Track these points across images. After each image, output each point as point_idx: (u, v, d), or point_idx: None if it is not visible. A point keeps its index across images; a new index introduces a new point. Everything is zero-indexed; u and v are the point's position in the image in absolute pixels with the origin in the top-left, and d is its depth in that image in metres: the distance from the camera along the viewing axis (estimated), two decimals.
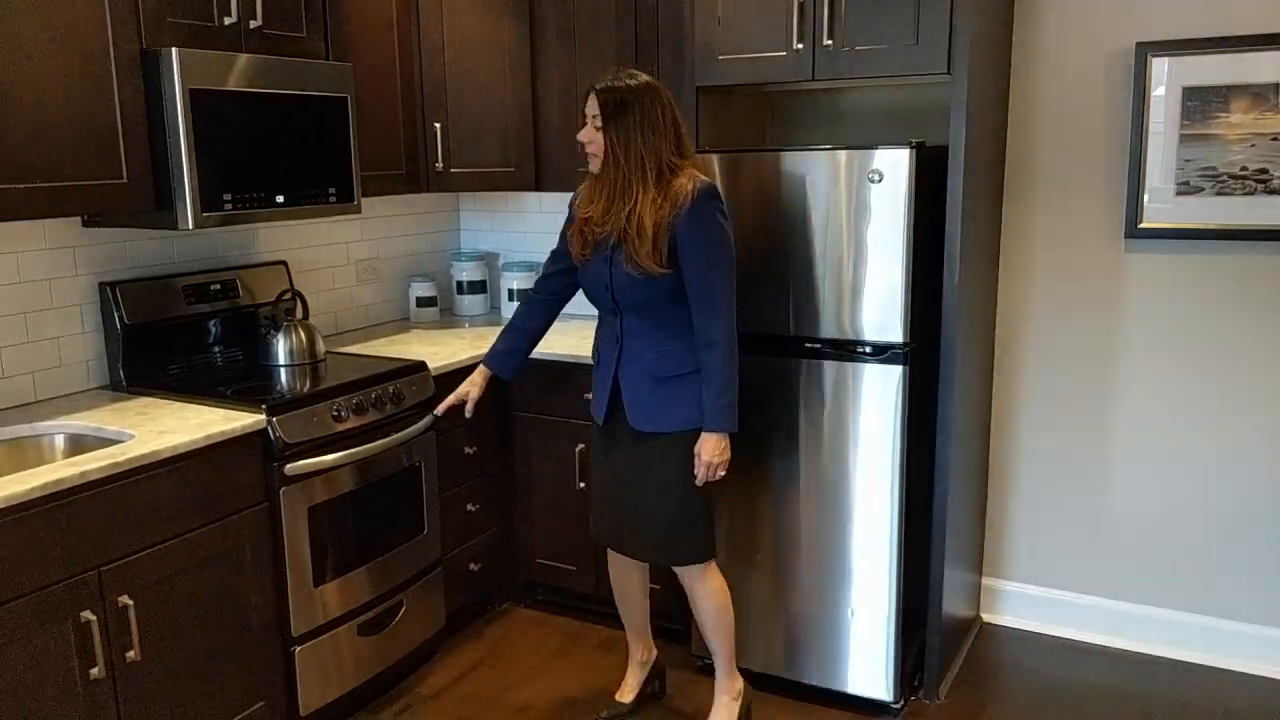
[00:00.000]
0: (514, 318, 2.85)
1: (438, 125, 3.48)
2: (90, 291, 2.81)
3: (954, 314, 2.75)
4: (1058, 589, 3.38)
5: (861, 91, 3.31)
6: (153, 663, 2.33)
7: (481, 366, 2.84)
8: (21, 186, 2.27)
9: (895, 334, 2.68)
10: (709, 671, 3.08)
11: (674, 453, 2.56)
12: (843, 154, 2.67)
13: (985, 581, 3.48)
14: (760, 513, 2.95)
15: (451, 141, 3.51)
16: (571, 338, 3.48)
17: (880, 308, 2.69)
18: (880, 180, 2.61)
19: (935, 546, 2.90)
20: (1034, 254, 3.23)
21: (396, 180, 3.41)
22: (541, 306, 2.81)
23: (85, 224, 2.77)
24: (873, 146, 2.63)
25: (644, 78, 2.47)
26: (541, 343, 3.34)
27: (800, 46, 2.79)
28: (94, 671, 2.19)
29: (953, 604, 3.07)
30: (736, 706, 2.81)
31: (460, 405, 2.84)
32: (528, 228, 4.06)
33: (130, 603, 2.25)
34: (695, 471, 2.54)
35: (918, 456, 2.83)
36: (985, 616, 3.50)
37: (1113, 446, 3.22)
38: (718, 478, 2.56)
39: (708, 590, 2.70)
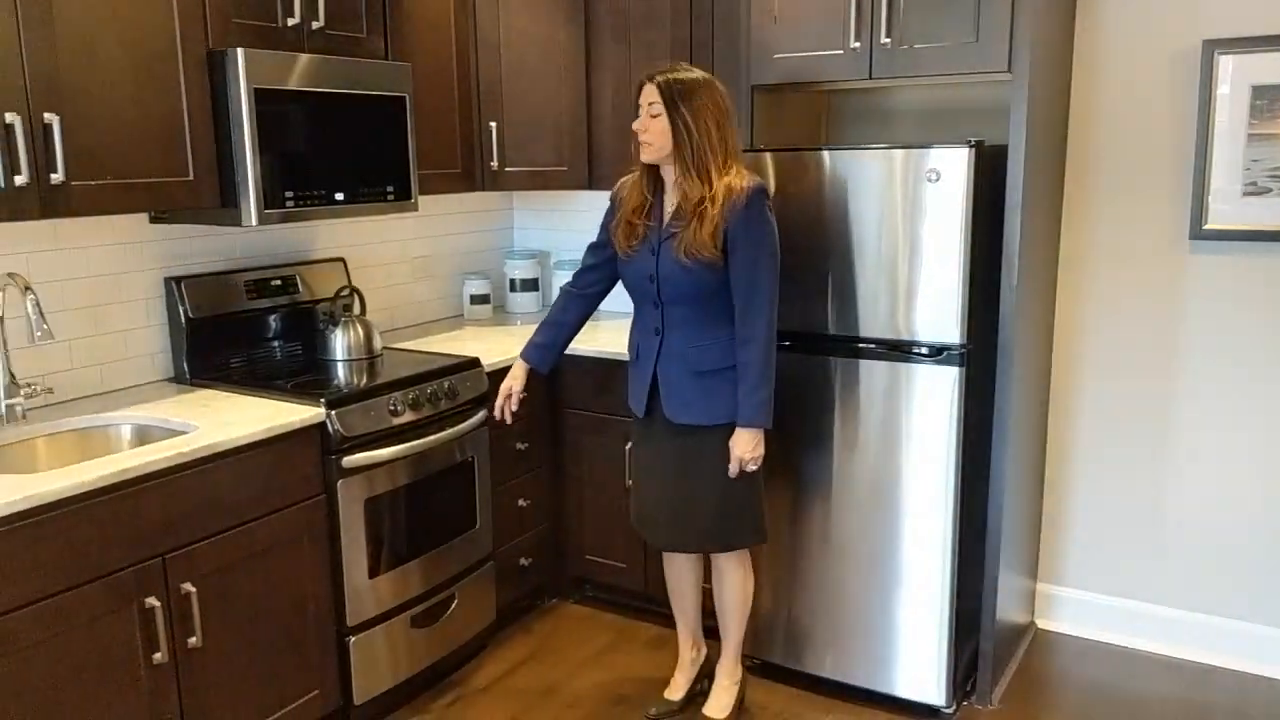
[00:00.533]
0: (551, 312, 2.86)
1: (493, 124, 3.51)
2: (156, 286, 2.88)
3: (1012, 315, 2.72)
4: (1115, 596, 3.32)
5: (916, 90, 3.28)
6: (213, 649, 2.38)
7: (519, 360, 2.86)
8: (93, 183, 2.34)
9: (952, 335, 2.66)
10: (758, 671, 3.08)
11: (714, 443, 2.58)
12: (899, 153, 2.65)
13: (1040, 587, 3.43)
14: (806, 512, 2.94)
15: (506, 140, 3.54)
16: (621, 335, 3.47)
17: (936, 308, 2.66)
18: (938, 180, 2.59)
19: (990, 551, 2.87)
20: (1094, 255, 3.18)
21: (452, 179, 3.45)
22: (579, 301, 2.83)
23: (152, 220, 2.84)
24: (930, 146, 2.61)
25: (700, 72, 2.51)
26: (592, 341, 3.38)
27: (857, 45, 2.77)
28: (157, 657, 2.25)
29: (1007, 609, 3.03)
30: (735, 691, 2.87)
31: (511, 406, 2.84)
32: (579, 226, 4.08)
33: (193, 590, 2.31)
34: (730, 467, 2.57)
35: (972, 459, 2.80)
36: (1040, 622, 3.45)
37: (1173, 452, 3.16)
38: (751, 470, 2.58)
39: (744, 574, 2.77)
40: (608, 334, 3.56)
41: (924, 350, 2.70)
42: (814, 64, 2.86)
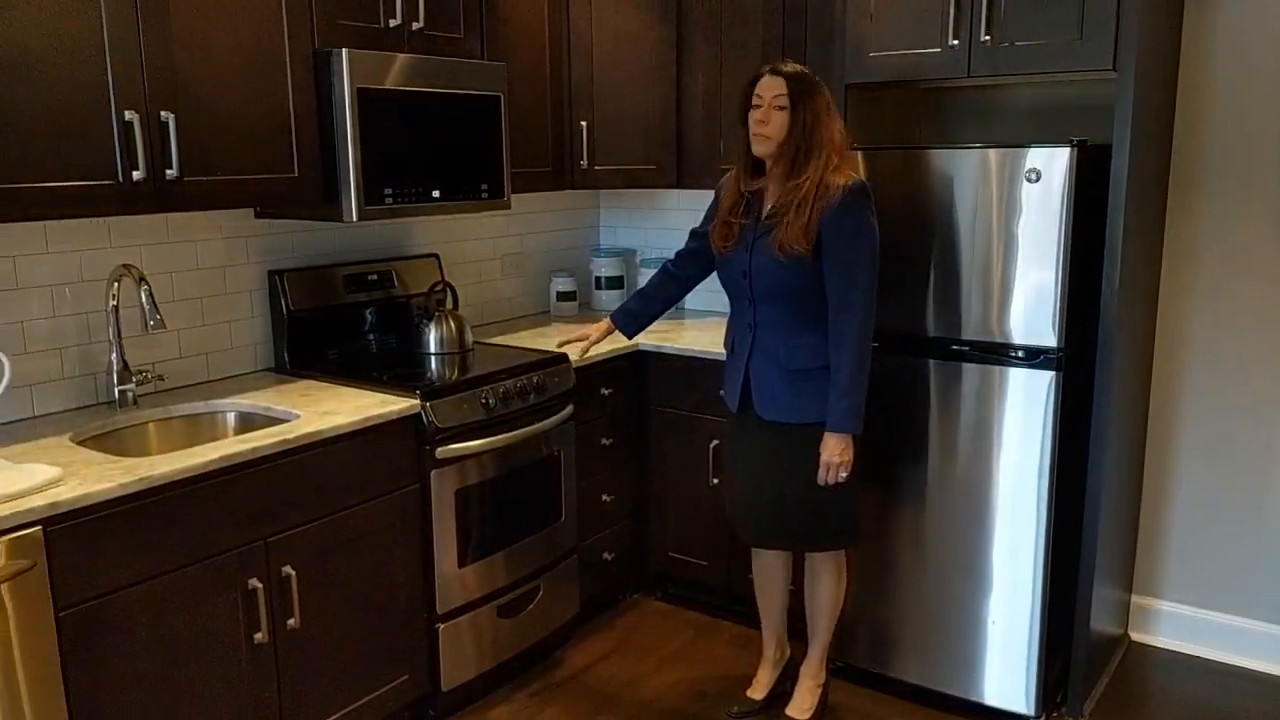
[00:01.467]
0: (647, 284, 2.95)
1: (584, 123, 3.54)
2: (260, 279, 2.98)
3: (1113, 319, 2.65)
4: (1212, 610, 3.21)
5: (1014, 88, 3.21)
6: (310, 631, 2.46)
7: (607, 320, 2.95)
8: (205, 179, 2.43)
9: (1049, 338, 2.60)
10: (842, 674, 3.06)
11: (805, 442, 2.56)
12: (997, 152, 2.60)
13: (1135, 599, 3.34)
14: (896, 515, 2.91)
15: (596, 139, 3.57)
16: (708, 334, 3.50)
17: (1032, 311, 2.61)
18: (1037, 179, 2.54)
19: (1085, 560, 2.80)
20: (1200, 258, 3.08)
21: (543, 177, 3.49)
22: (675, 281, 2.90)
23: (257, 215, 2.94)
24: (1028, 145, 2.56)
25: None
26: (678, 338, 3.39)
27: (956, 42, 2.73)
28: (258, 636, 2.33)
29: (1100, 620, 2.95)
30: (819, 693, 2.86)
31: (580, 348, 2.97)
32: (666, 224, 4.10)
33: (293, 573, 2.38)
34: (818, 472, 2.54)
35: (1067, 465, 2.74)
36: (1134, 635, 3.35)
37: (1278, 463, 3.04)
38: (839, 479, 2.54)
39: (838, 577, 2.76)
40: (694, 332, 3.57)
41: (1019, 353, 2.65)
42: (911, 62, 2.82)
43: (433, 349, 3.18)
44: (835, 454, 2.51)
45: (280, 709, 2.41)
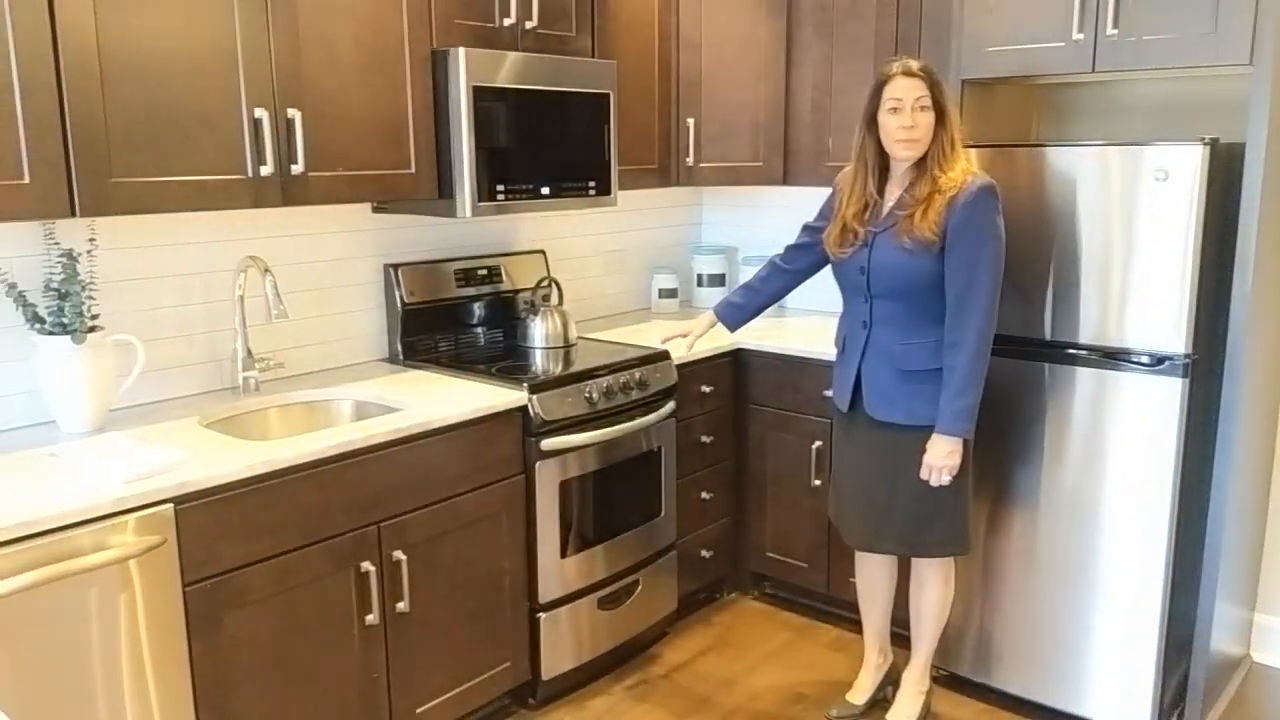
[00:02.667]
0: (753, 277, 2.92)
1: (690, 121, 3.55)
2: (375, 272, 3.07)
3: (1243, 326, 2.54)
4: None
5: (1138, 84, 3.10)
6: (418, 615, 2.52)
7: (710, 313, 2.94)
8: (327, 174, 2.51)
9: (1175, 344, 2.50)
10: (945, 682, 3.00)
11: (916, 445, 2.51)
12: (1121, 151, 2.52)
13: (1259, 618, 3.19)
14: (1006, 523, 2.84)
15: (703, 137, 3.57)
16: (810, 333, 3.47)
17: (1156, 315, 2.52)
18: (1166, 179, 2.44)
19: (1207, 575, 2.68)
20: None
21: (649, 174, 3.51)
22: (783, 275, 2.86)
23: (374, 210, 3.02)
24: (1158, 143, 2.46)
25: None
26: (779, 337, 3.37)
27: (1080, 36, 2.64)
28: (369, 618, 2.40)
29: (1221, 638, 2.83)
30: (922, 700, 2.80)
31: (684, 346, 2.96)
32: (770, 222, 4.07)
33: (403, 558, 2.45)
34: (921, 471, 2.50)
35: (1189, 475, 2.63)
36: (1255, 656, 3.20)
37: None
38: (943, 483, 2.49)
39: (945, 585, 2.70)
40: (795, 331, 3.54)
41: (1143, 359, 2.55)
42: (1032, 57, 2.75)
43: (537, 343, 3.22)
44: (941, 456, 2.46)
45: (389, 689, 2.48)
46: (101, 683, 1.96)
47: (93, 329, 2.30)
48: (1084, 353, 2.64)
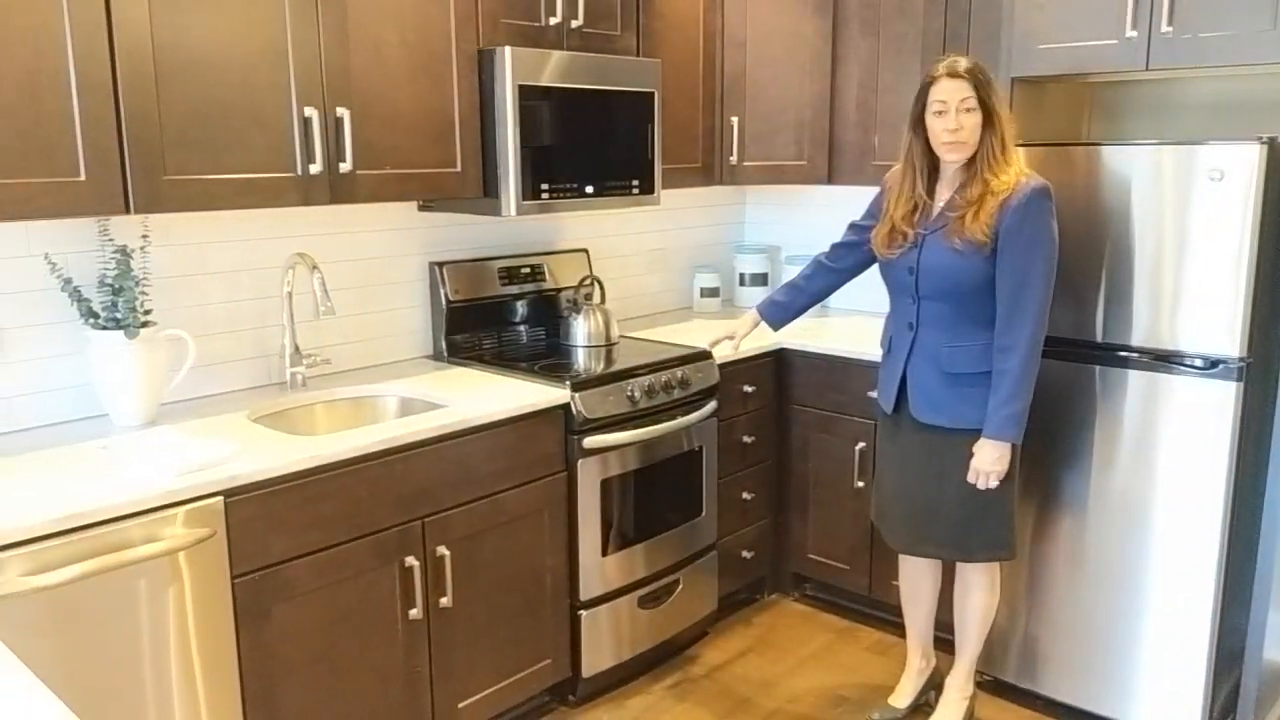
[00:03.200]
0: (798, 275, 2.87)
1: (734, 119, 3.54)
2: (421, 270, 3.09)
3: None
4: None
5: (1192, 82, 3.04)
6: (461, 610, 2.54)
7: (753, 311, 2.91)
8: (375, 172, 2.54)
9: (1230, 347, 2.45)
10: (990, 688, 2.97)
11: (961, 448, 2.49)
12: (1174, 150, 2.47)
13: None
14: (1053, 527, 2.80)
15: (747, 135, 3.56)
16: (853, 333, 3.44)
17: (1210, 318, 2.47)
18: (1221, 179, 2.40)
19: (1259, 584, 2.62)
20: None
21: (692, 173, 3.50)
22: (829, 274, 2.82)
23: (420, 208, 3.05)
24: (1206, 142, 2.42)
25: None
26: (820, 337, 3.36)
27: (1134, 34, 2.60)
28: (413, 612, 2.42)
29: (1274, 648, 2.77)
30: (965, 706, 2.77)
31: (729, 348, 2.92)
32: (813, 221, 4.05)
33: (447, 553, 2.47)
34: (967, 475, 2.47)
35: (1242, 480, 2.58)
36: None
37: None
38: (990, 487, 2.46)
39: (986, 583, 2.67)
40: (838, 331, 3.52)
41: (1196, 362, 2.51)
42: (1084, 54, 2.71)
43: (580, 342, 3.23)
44: (990, 461, 2.43)
45: (431, 683, 2.50)
46: (150, 672, 1.99)
47: (145, 324, 2.34)
48: (1136, 355, 2.60)
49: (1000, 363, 2.40)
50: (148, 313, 2.38)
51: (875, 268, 2.68)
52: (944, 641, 2.88)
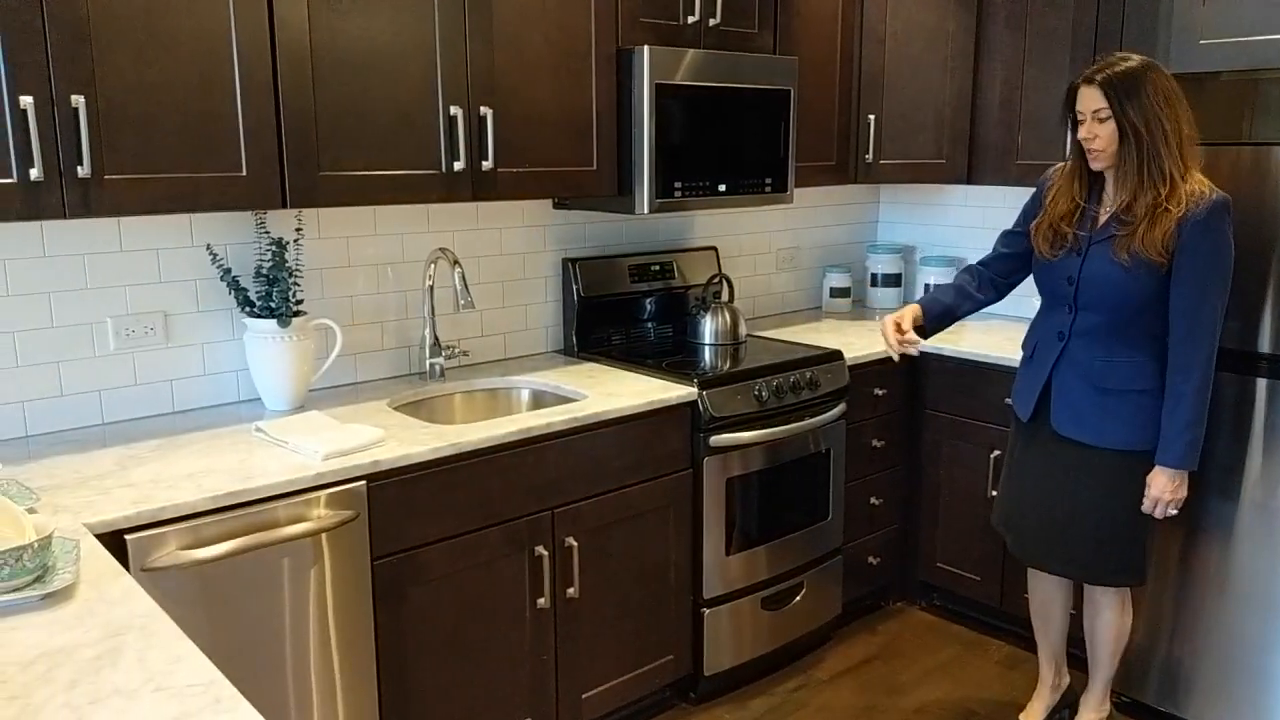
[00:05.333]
0: (960, 277, 2.68)
1: (871, 117, 3.47)
2: (554, 266, 3.14)
3: None
4: None
5: None
6: (587, 602, 2.58)
7: (916, 303, 2.64)
8: (514, 170, 2.59)
9: None
10: (1128, 709, 2.84)
11: (1103, 467, 2.39)
12: None
13: None
14: (1201, 547, 2.65)
15: (884, 133, 3.49)
16: (993, 338, 3.34)
17: None
18: None
19: None
20: None
21: (826, 171, 3.46)
22: (990, 284, 2.65)
23: (554, 206, 3.10)
24: None
25: (1137, 57, 2.28)
26: (958, 341, 3.27)
27: None
28: (541, 602, 2.47)
29: None
30: None
31: (900, 340, 2.57)
32: (950, 221, 3.94)
33: (575, 544, 2.51)
34: (1143, 505, 2.36)
35: None
36: None
37: None
38: (1168, 516, 2.36)
39: (1121, 613, 2.57)
40: (976, 335, 3.42)
41: None
42: (1252, 49, 2.55)
43: (707, 339, 3.23)
44: (1168, 491, 2.33)
45: (556, 673, 2.54)
46: (290, 647, 2.09)
47: (297, 313, 2.46)
48: None
49: (1176, 384, 2.29)
50: (299, 302, 2.49)
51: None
52: (1079, 661, 2.76)
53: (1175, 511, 2.36)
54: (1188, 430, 2.28)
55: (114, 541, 1.80)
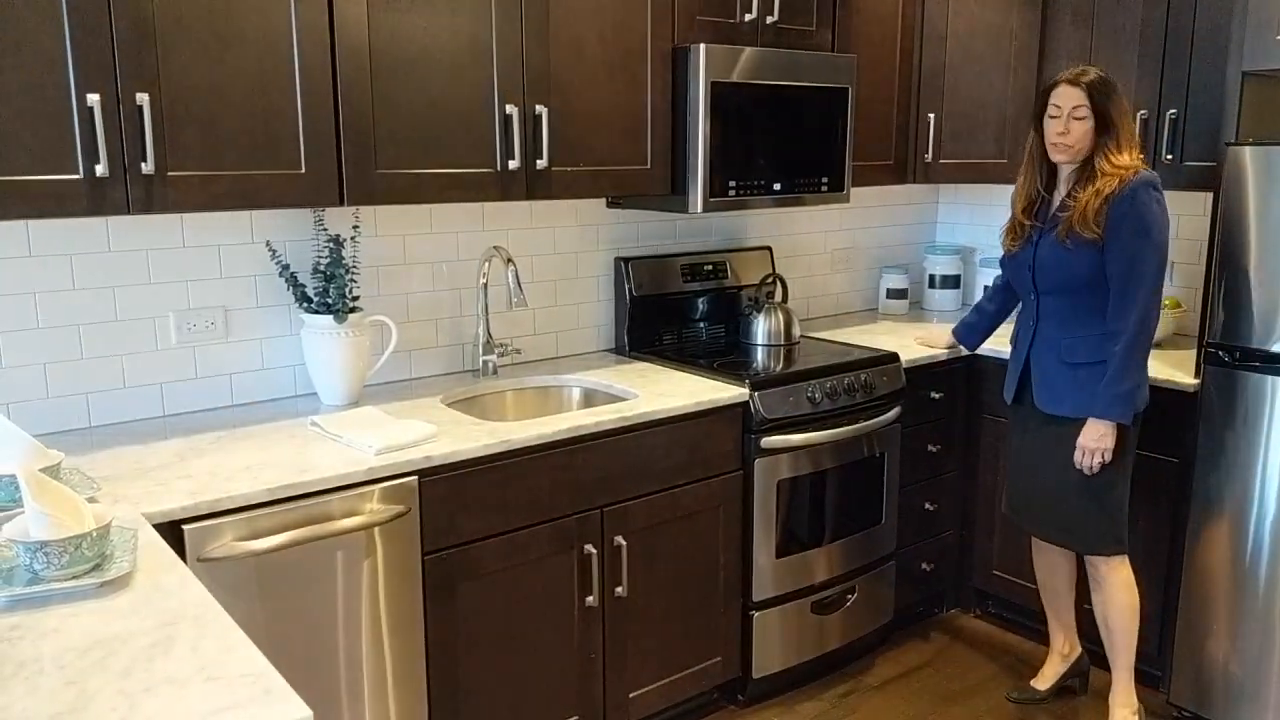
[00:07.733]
0: (982, 298, 3.15)
1: (931, 116, 3.42)
2: (607, 265, 3.14)
3: None
4: None
5: None
6: (635, 601, 2.57)
7: (949, 330, 3.17)
8: (569, 169, 2.60)
9: None
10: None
11: (1077, 438, 2.56)
12: None
13: None
14: (1253, 556, 2.56)
15: (944, 132, 3.44)
16: None
17: None
18: None
19: None
20: None
21: (883, 171, 3.41)
22: (1000, 293, 3.00)
23: (608, 205, 3.10)
24: None
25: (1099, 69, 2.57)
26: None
27: None
28: (589, 599, 2.47)
29: None
30: None
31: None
32: None
33: (624, 543, 2.50)
34: (1074, 455, 2.55)
35: None
36: None
37: None
38: (1093, 467, 2.53)
39: (1117, 581, 2.66)
40: None
41: None
42: None
43: (760, 340, 3.21)
44: (1093, 440, 2.51)
45: (604, 671, 2.54)
46: (342, 639, 2.11)
47: (353, 309, 2.49)
48: None
49: (1109, 347, 2.49)
50: (355, 299, 2.52)
51: None
52: (1100, 659, 2.69)
53: (1098, 464, 2.51)
54: (1113, 384, 2.47)
55: (171, 532, 1.83)
